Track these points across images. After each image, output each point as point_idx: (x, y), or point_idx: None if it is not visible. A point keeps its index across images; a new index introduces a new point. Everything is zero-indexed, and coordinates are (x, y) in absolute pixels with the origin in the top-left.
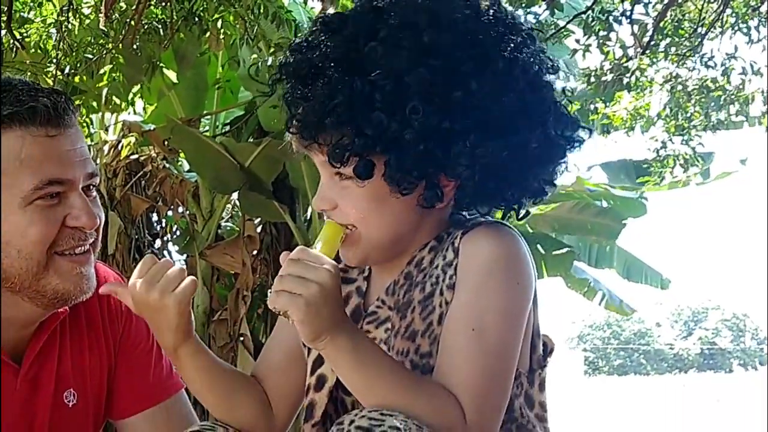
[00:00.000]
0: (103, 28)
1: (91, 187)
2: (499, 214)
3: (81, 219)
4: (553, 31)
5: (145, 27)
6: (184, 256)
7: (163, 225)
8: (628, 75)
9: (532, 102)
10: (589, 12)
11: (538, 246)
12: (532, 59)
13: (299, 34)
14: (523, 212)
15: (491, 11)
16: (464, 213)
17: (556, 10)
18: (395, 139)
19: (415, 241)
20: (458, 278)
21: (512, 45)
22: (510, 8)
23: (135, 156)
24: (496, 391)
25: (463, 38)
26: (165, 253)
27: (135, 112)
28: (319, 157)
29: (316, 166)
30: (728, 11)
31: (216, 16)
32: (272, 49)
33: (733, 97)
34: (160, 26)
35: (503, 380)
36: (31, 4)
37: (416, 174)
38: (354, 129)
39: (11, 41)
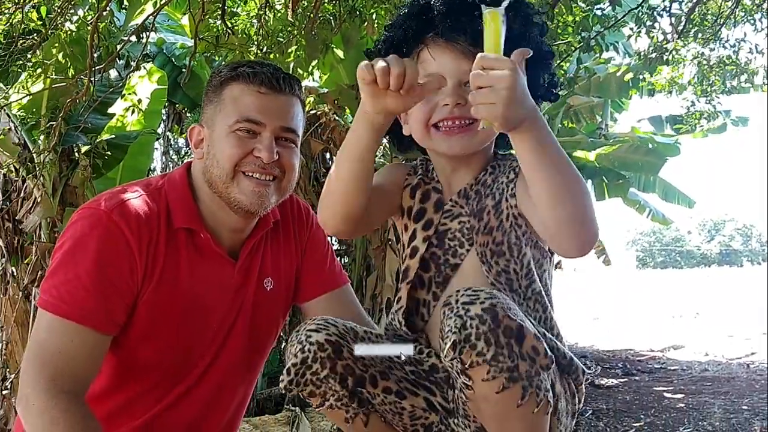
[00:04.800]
0: (291, 20)
1: (288, 140)
2: None
3: (262, 152)
4: (614, 21)
5: (321, 18)
6: None
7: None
8: (666, 53)
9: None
10: (639, 8)
11: (603, 177)
12: None
13: None
14: None
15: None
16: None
17: (617, 7)
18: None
19: (478, 155)
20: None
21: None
22: (582, 4)
23: (313, 111)
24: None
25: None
26: None
27: (313, 80)
28: (462, 66)
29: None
30: (739, 8)
31: (371, 10)
32: None
33: (742, 69)
34: (331, 18)
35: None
36: (239, 1)
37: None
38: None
39: (225, 29)
